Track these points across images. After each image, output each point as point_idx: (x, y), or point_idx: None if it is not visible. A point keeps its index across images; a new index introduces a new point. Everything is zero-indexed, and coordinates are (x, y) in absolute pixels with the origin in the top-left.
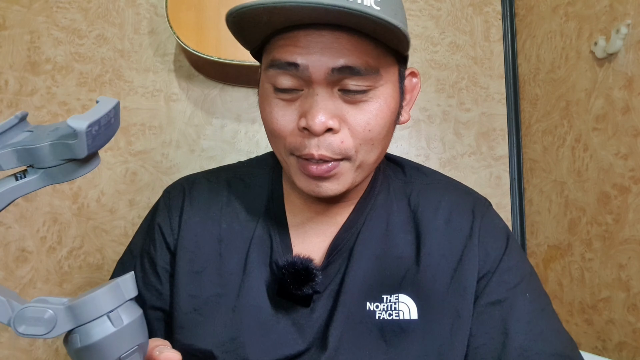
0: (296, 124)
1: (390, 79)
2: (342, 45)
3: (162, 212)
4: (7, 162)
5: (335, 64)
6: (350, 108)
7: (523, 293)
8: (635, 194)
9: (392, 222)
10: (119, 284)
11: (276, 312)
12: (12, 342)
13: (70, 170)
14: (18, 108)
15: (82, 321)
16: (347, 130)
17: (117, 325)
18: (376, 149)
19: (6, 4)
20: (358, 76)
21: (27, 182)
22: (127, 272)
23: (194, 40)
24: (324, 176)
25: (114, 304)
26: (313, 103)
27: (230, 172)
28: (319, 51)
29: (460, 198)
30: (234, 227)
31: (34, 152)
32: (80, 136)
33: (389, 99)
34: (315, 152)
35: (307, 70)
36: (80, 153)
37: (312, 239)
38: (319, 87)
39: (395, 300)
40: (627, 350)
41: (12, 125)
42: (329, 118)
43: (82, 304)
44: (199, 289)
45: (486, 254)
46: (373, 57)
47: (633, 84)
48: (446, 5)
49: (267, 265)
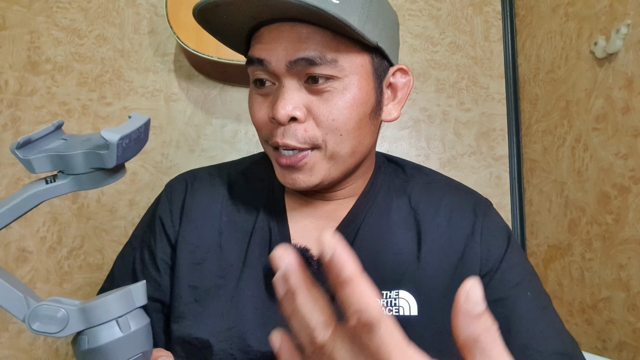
0: (268, 114)
1: (356, 70)
2: (300, 38)
3: (164, 205)
4: (40, 166)
5: (292, 57)
6: (315, 99)
7: (524, 292)
8: (635, 194)
9: (393, 219)
10: (130, 291)
11: (274, 303)
12: (12, 342)
13: (98, 178)
14: (18, 108)
15: (92, 323)
16: (312, 120)
17: (124, 330)
18: (347, 140)
19: (6, 4)
20: (314, 66)
21: (57, 186)
22: (127, 264)
23: (194, 40)
24: (295, 166)
25: (123, 310)
26: (279, 95)
27: (232, 166)
28: (279, 46)
29: (462, 197)
30: (234, 219)
31: (66, 158)
32: (111, 147)
33: (354, 89)
34: (280, 140)
35: (270, 64)
36: (109, 163)
37: (312, 233)
38: (284, 79)
39: (395, 296)
40: (627, 350)
41: (49, 133)
42: (293, 108)
43: (94, 307)
44: (199, 280)
45: (488, 253)
46: (330, 48)
47: (633, 84)
48: (446, 5)
49: (266, 257)
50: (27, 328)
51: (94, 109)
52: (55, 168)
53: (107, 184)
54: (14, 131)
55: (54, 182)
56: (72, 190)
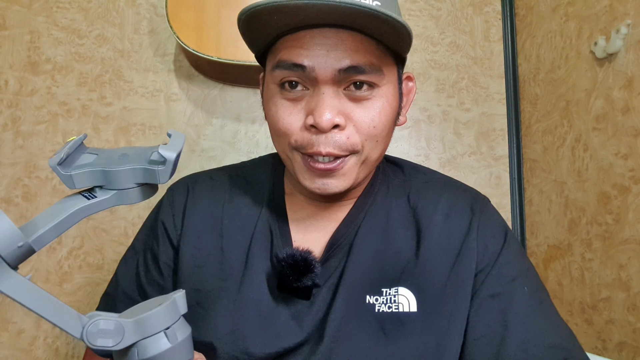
0: (303, 122)
1: (391, 78)
2: (347, 45)
3: (166, 209)
4: (81, 181)
5: (341, 65)
6: (355, 106)
7: (521, 286)
8: (635, 194)
9: (392, 218)
10: (175, 300)
11: (276, 305)
12: (12, 342)
13: (139, 194)
14: (18, 108)
15: (145, 334)
16: (352, 127)
17: (172, 341)
18: (380, 146)
19: (6, 4)
20: (362, 74)
21: (99, 202)
22: (130, 268)
23: (194, 40)
24: (332, 171)
25: (171, 321)
26: (319, 101)
27: (233, 170)
28: (324, 52)
29: (459, 195)
30: (235, 222)
31: (111, 174)
32: (167, 164)
33: (390, 97)
34: (324, 149)
35: (313, 71)
36: (163, 179)
37: (313, 234)
38: (324, 86)
39: (394, 293)
40: (627, 350)
41: (77, 146)
42: (335, 115)
43: (146, 319)
44: (201, 283)
45: (485, 249)
46: (376, 56)
47: (633, 84)
48: (446, 5)
49: (268, 259)
50: (86, 343)
51: (94, 109)
52: (96, 183)
53: (146, 198)
54: (14, 131)
55: (96, 198)
56: (113, 205)
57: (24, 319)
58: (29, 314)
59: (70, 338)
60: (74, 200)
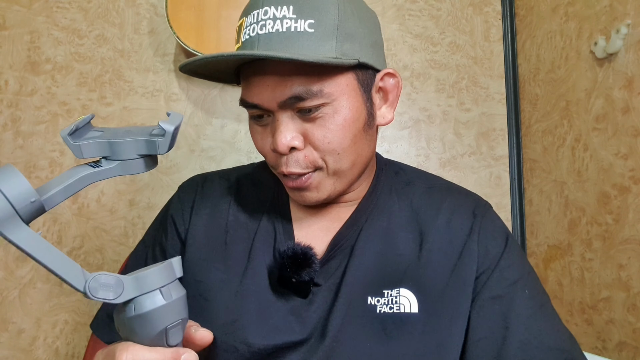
0: (270, 145)
1: (342, 91)
2: (285, 79)
3: (176, 204)
4: (88, 151)
5: (282, 98)
6: (309, 125)
7: (522, 289)
8: (635, 194)
9: (394, 222)
10: (171, 263)
11: (277, 300)
12: (12, 342)
13: (141, 165)
14: (18, 108)
15: (143, 291)
16: (309, 146)
17: (167, 299)
18: (345, 157)
19: (6, 4)
20: (302, 102)
21: (104, 170)
22: (140, 260)
23: (194, 40)
24: (302, 187)
25: (167, 280)
26: (276, 127)
27: (240, 170)
28: (266, 89)
29: (462, 200)
30: (240, 219)
31: (115, 145)
32: (167, 135)
33: (344, 110)
34: (285, 169)
35: (262, 106)
36: (162, 149)
37: (315, 233)
38: (278, 113)
39: (396, 294)
40: (627, 350)
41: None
42: (291, 139)
43: (144, 276)
44: (204, 275)
45: (486, 252)
46: (314, 80)
47: (633, 84)
48: (446, 5)
49: (271, 255)
50: (88, 296)
51: (94, 109)
52: (101, 154)
53: (148, 170)
54: (14, 131)
55: (101, 167)
56: (117, 175)
57: (24, 319)
58: (28, 314)
59: (70, 338)
60: (81, 168)
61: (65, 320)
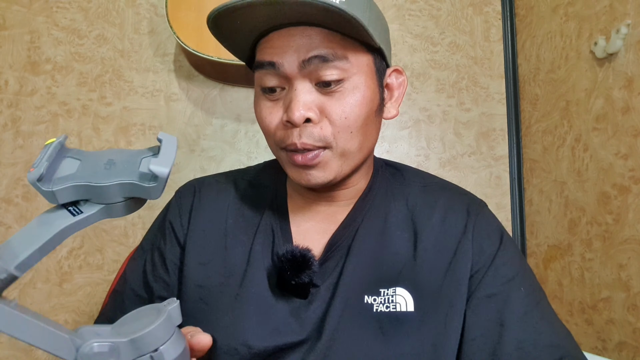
0: (281, 119)
1: (362, 68)
2: (311, 39)
3: (174, 210)
4: (65, 196)
5: (305, 56)
6: (327, 99)
7: (518, 287)
8: (635, 194)
9: (390, 221)
10: (170, 314)
11: (276, 302)
12: (12, 342)
13: (129, 207)
14: (18, 108)
15: (141, 353)
16: (325, 120)
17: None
18: (356, 137)
19: (6, 4)
20: (327, 63)
21: (86, 218)
22: (138, 266)
23: (194, 40)
24: (310, 164)
25: (166, 336)
26: (292, 97)
27: (238, 174)
28: (291, 49)
29: (456, 198)
30: (239, 222)
31: (98, 189)
32: (160, 181)
33: (363, 88)
34: (297, 141)
35: (282, 67)
36: (155, 195)
37: (313, 236)
38: (296, 81)
39: (392, 293)
40: (627, 350)
41: (56, 153)
42: (307, 110)
43: (142, 338)
44: (205, 279)
45: (480, 250)
46: (340, 46)
47: (633, 84)
48: (446, 5)
49: (269, 258)
50: None
51: (94, 109)
52: (81, 197)
53: (135, 210)
54: (14, 131)
55: (82, 214)
56: (101, 219)
57: None
58: None
59: None
60: (58, 217)
61: (66, 320)
